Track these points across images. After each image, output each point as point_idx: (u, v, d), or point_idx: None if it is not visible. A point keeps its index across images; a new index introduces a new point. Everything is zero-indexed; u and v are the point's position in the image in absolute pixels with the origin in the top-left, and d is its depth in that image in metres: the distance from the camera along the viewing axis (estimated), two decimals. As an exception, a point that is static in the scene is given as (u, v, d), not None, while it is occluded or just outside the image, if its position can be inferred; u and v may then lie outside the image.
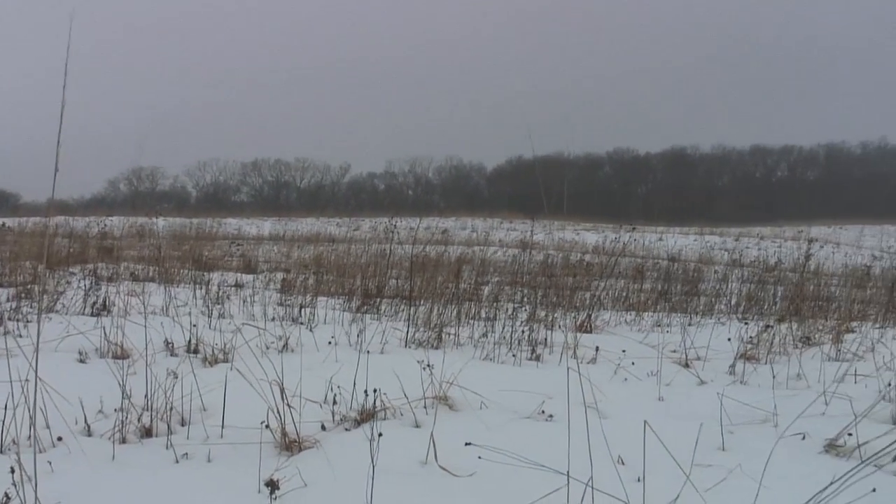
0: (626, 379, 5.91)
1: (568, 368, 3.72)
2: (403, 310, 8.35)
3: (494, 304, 9.10)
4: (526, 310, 8.46)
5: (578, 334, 7.47)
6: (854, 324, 8.86)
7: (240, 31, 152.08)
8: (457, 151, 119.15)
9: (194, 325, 6.33)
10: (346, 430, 4.42)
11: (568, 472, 3.29)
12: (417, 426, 4.51)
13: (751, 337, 6.97)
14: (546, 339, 7.13)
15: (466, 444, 3.60)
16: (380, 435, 3.48)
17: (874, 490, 3.06)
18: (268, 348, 6.31)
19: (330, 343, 6.50)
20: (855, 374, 6.06)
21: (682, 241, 32.87)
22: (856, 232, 44.44)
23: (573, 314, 8.72)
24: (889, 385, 5.25)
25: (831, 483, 2.85)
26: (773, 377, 5.92)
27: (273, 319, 7.75)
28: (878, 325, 8.98)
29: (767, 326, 7.11)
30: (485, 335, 7.03)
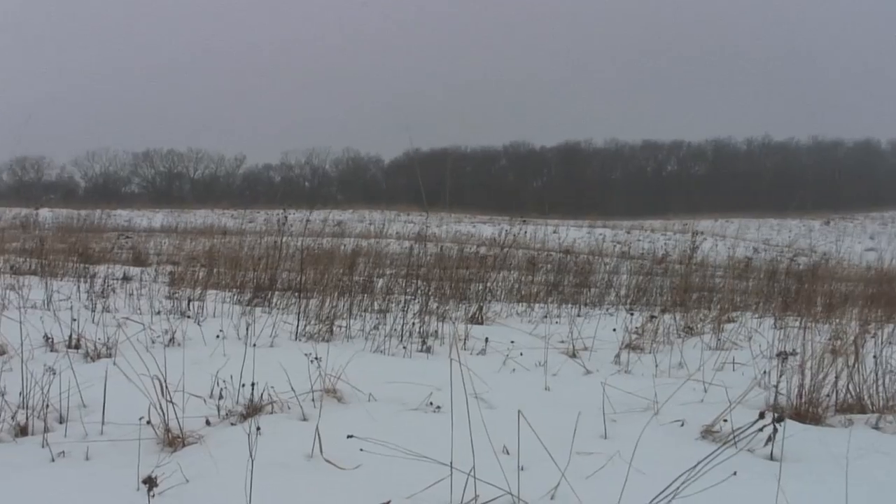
0: (514, 370, 5.99)
1: (451, 360, 3.73)
2: (295, 303, 8.27)
3: (387, 296, 9.10)
4: (419, 302, 8.48)
5: (469, 326, 7.53)
6: (735, 314, 9.15)
7: (127, 17, 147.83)
8: (354, 143, 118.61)
9: (75, 320, 6.13)
10: (232, 424, 4.36)
11: (451, 462, 3.32)
12: (305, 419, 4.48)
13: (636, 327, 7.15)
14: (437, 331, 7.17)
15: (349, 436, 3.59)
16: (258, 429, 3.46)
17: (735, 473, 3.17)
18: (153, 343, 6.17)
19: (218, 337, 6.40)
20: (733, 363, 6.28)
21: (575, 234, 33.41)
22: (740, 225, 45.91)
23: (465, 306, 8.79)
24: (764, 373, 5.46)
25: (695, 465, 2.94)
26: (656, 366, 6.10)
27: (159, 313, 7.58)
28: (757, 315, 9.30)
29: (652, 317, 7.30)
30: (376, 328, 7.02)
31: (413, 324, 7.04)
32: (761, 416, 3.07)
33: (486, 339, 6.63)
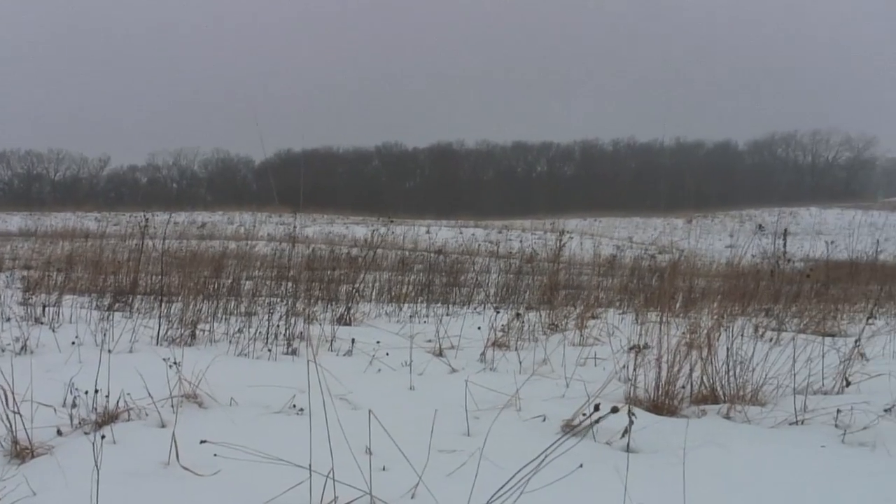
0: (379, 370, 5.98)
1: (308, 362, 3.70)
2: (158, 307, 8.06)
3: (254, 298, 8.96)
4: (286, 304, 8.38)
5: (337, 327, 7.49)
6: (599, 310, 9.39)
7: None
8: (224, 144, 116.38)
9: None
10: (86, 433, 4.20)
11: (310, 465, 3.28)
12: (163, 426, 4.36)
13: (502, 325, 7.24)
14: (303, 333, 7.10)
15: (202, 441, 3.51)
16: (103, 437, 3.35)
17: (581, 466, 3.26)
18: (3, 351, 5.91)
19: (74, 343, 6.17)
20: (595, 358, 6.44)
21: (448, 234, 33.71)
22: (607, 223, 47.16)
23: (333, 307, 8.74)
24: (624, 367, 5.61)
25: (538, 456, 3.00)
26: (520, 363, 6.19)
27: (9, 320, 7.26)
28: (620, 311, 9.56)
29: (518, 315, 7.41)
30: (240, 331, 6.90)
31: (278, 326, 6.95)
32: (613, 409, 3.14)
33: (353, 340, 6.61)
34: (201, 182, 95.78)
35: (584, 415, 4.49)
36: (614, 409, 3.12)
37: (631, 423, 4.16)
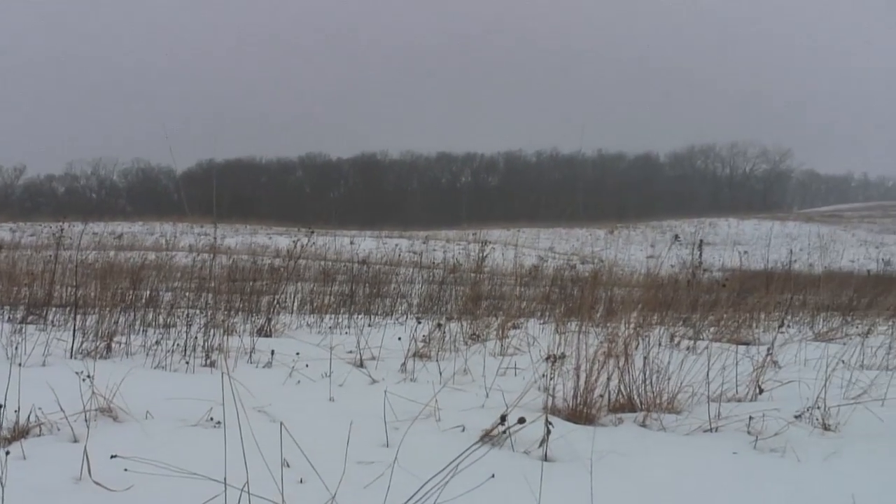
0: (299, 382, 5.94)
1: (223, 374, 3.67)
2: (72, 319, 7.88)
3: (172, 310, 8.83)
4: (205, 315, 8.28)
5: (257, 338, 7.42)
6: (521, 320, 9.47)
7: None
8: (145, 154, 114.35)
9: None
10: (-7, 450, 4.10)
11: (225, 478, 3.25)
12: (76, 441, 4.27)
13: (423, 336, 7.26)
14: (222, 345, 7.02)
15: (112, 456, 3.46)
16: (7, 453, 3.27)
17: (493, 476, 3.31)
18: None
19: (-19, 358, 6.00)
20: (515, 368, 6.50)
21: (372, 245, 33.65)
22: (530, 234, 47.56)
23: (254, 318, 8.66)
24: (543, 376, 5.67)
25: (453, 461, 3.03)
26: (440, 373, 6.21)
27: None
28: (541, 321, 9.66)
29: (439, 325, 7.44)
30: (158, 343, 6.79)
31: (196, 338, 6.85)
32: (520, 420, 3.20)
33: (273, 352, 6.56)
34: (121, 192, 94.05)
35: (501, 424, 4.53)
36: (521, 420, 3.17)
37: (548, 432, 4.23)
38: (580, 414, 5.17)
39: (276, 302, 9.29)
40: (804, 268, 16.27)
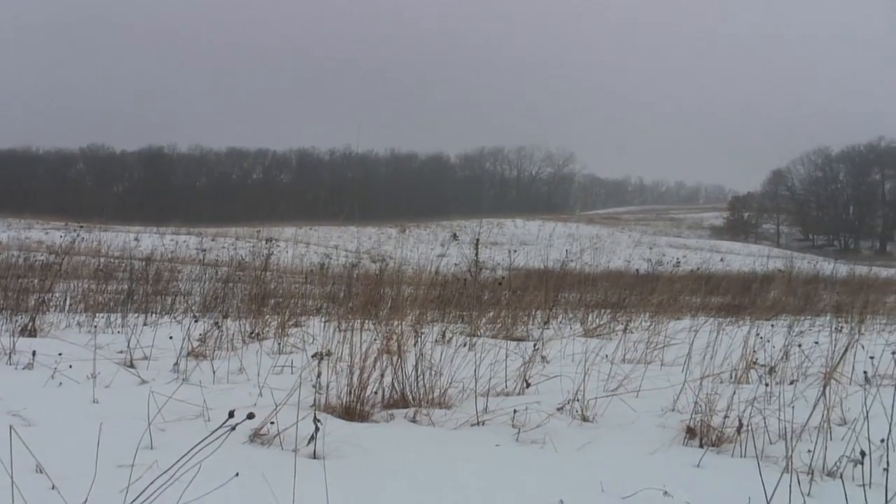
0: (61, 383, 5.65)
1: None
2: None
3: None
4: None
5: (19, 338, 7.01)
6: (304, 318, 9.42)
7: None
8: None
9: None
10: None
11: (-37, 487, 3.06)
12: None
13: (200, 334, 7.09)
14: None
15: None
16: None
17: (237, 475, 3.33)
18: None
19: None
20: (290, 366, 6.47)
21: (158, 241, 32.48)
22: (324, 232, 47.51)
23: (17, 317, 8.18)
24: (319, 375, 5.66)
25: (193, 447, 3.00)
26: (214, 372, 6.10)
27: None
28: (324, 320, 9.64)
29: (216, 324, 7.28)
30: None
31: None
32: (249, 416, 3.25)
33: (34, 353, 6.21)
34: None
35: (272, 423, 4.50)
36: (250, 416, 3.19)
37: (316, 429, 4.24)
38: (354, 411, 5.21)
39: (43, 300, 8.80)
40: (580, 267, 17.06)
